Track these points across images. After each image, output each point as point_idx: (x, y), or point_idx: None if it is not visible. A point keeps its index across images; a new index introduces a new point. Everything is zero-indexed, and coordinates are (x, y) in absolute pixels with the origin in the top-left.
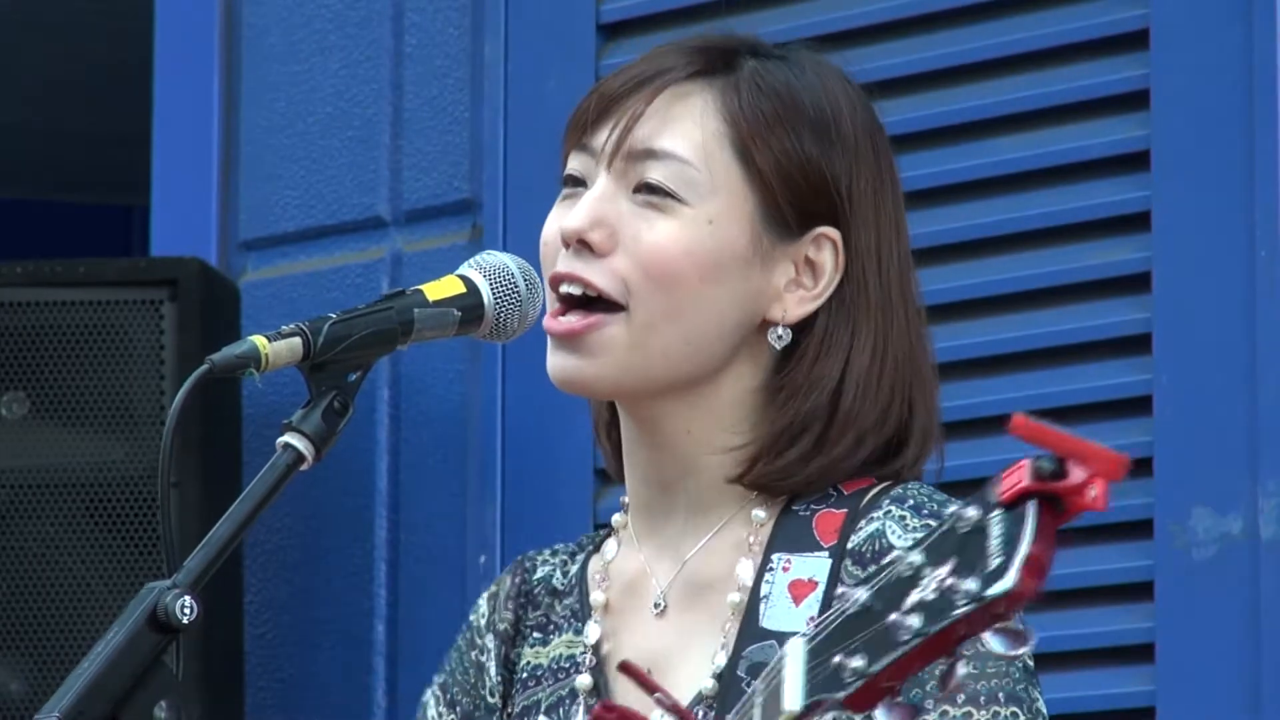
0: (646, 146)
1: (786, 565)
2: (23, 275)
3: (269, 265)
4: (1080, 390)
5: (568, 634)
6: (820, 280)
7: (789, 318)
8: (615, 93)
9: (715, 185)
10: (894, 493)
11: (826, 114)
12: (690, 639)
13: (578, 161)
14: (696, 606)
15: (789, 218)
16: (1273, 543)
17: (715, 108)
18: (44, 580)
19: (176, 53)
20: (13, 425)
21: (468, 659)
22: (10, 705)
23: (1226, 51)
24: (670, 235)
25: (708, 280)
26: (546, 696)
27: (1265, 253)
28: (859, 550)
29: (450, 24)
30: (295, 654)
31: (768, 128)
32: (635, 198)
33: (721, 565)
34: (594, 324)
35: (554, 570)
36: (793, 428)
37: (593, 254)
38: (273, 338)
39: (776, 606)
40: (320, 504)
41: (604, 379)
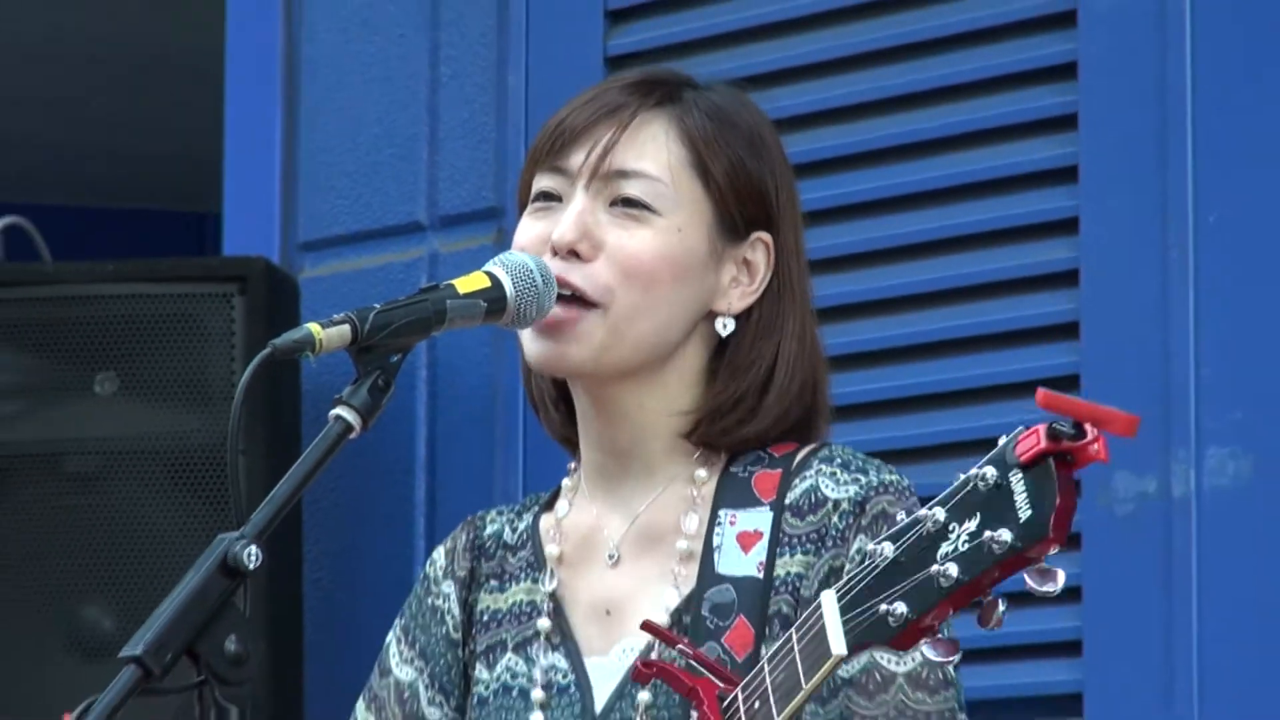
0: (621, 168)
1: (733, 519)
2: (114, 272)
3: (324, 264)
4: (1018, 370)
5: (525, 583)
6: (756, 277)
7: (733, 309)
8: (585, 122)
9: (680, 199)
10: (822, 454)
11: (755, 132)
12: (643, 585)
13: (549, 180)
14: (647, 556)
15: (737, 223)
16: (1182, 500)
17: (675, 133)
18: (131, 533)
19: (245, 84)
20: (105, 401)
21: (425, 604)
22: (103, 639)
23: (1145, 80)
24: (648, 242)
25: (677, 280)
26: (512, 637)
27: (1176, 253)
28: (797, 504)
29: (478, 57)
30: (347, 596)
31: (717, 144)
32: (613, 210)
33: (670, 519)
34: (575, 318)
35: (503, 527)
36: (734, 398)
37: (579, 260)
38: (326, 325)
39: (728, 555)
40: (367, 467)
41: (583, 363)
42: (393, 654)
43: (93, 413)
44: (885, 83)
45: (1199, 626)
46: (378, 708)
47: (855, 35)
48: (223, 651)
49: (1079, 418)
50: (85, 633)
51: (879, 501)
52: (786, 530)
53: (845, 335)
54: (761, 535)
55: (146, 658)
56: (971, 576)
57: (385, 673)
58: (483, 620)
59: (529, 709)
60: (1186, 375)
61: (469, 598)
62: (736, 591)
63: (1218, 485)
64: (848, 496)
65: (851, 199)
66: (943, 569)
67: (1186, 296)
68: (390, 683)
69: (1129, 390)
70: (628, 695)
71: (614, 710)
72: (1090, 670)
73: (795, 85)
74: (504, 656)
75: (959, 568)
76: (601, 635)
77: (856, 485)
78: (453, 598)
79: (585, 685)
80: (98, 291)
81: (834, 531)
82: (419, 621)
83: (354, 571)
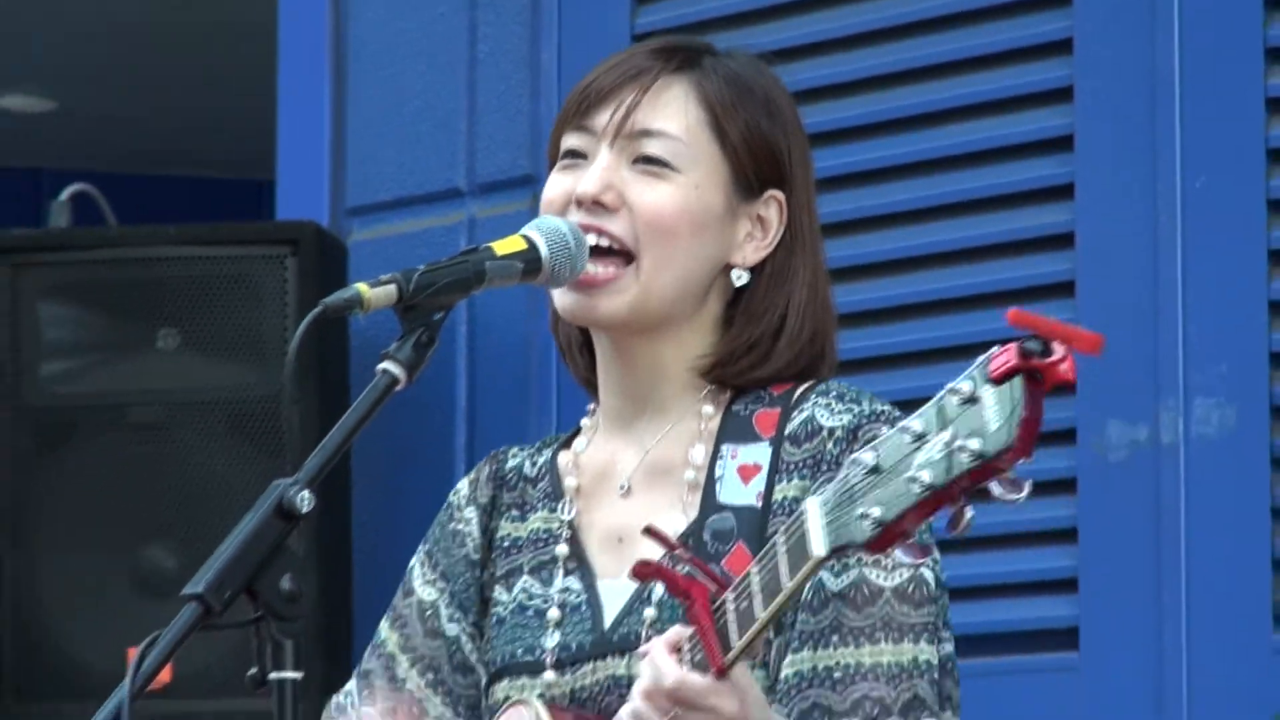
0: (644, 127)
1: (734, 454)
2: (176, 235)
3: (370, 228)
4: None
5: (543, 512)
6: (769, 232)
7: (747, 262)
8: (610, 85)
9: (698, 157)
10: (818, 388)
11: (770, 97)
12: (652, 513)
13: (577, 139)
14: (656, 487)
15: (752, 182)
16: (1171, 447)
17: (695, 96)
18: (192, 479)
19: (296, 60)
20: (168, 355)
21: (448, 530)
22: (166, 578)
23: (1136, 55)
24: (668, 195)
25: (696, 233)
26: (529, 561)
27: (1165, 216)
28: (795, 433)
29: (514, 35)
30: (392, 538)
31: (733, 108)
32: (635, 167)
33: (678, 452)
34: (611, 276)
35: (523, 461)
36: (748, 343)
37: (605, 211)
38: (373, 285)
39: (729, 486)
40: (412, 417)
41: (614, 315)
42: (416, 576)
43: (155, 367)
44: (894, 58)
45: (1187, 563)
46: (400, 625)
47: (865, 14)
48: (278, 589)
49: (1046, 335)
50: (149, 573)
51: (871, 429)
52: (785, 459)
53: (855, 294)
54: (760, 468)
55: (207, 595)
56: (943, 483)
57: (409, 593)
58: (503, 546)
59: (544, 627)
60: (1175, 331)
61: (490, 524)
62: (736, 520)
63: (1204, 433)
64: (842, 424)
65: (863, 166)
66: (916, 475)
67: (1175, 257)
68: (414, 602)
69: (1122, 345)
70: (635, 611)
71: (622, 624)
72: (1085, 606)
73: (808, 60)
74: (521, 579)
75: (932, 474)
76: (613, 561)
77: (850, 414)
78: (474, 523)
79: (596, 604)
80: (160, 254)
81: (829, 457)
82: (440, 545)
83: (399, 514)
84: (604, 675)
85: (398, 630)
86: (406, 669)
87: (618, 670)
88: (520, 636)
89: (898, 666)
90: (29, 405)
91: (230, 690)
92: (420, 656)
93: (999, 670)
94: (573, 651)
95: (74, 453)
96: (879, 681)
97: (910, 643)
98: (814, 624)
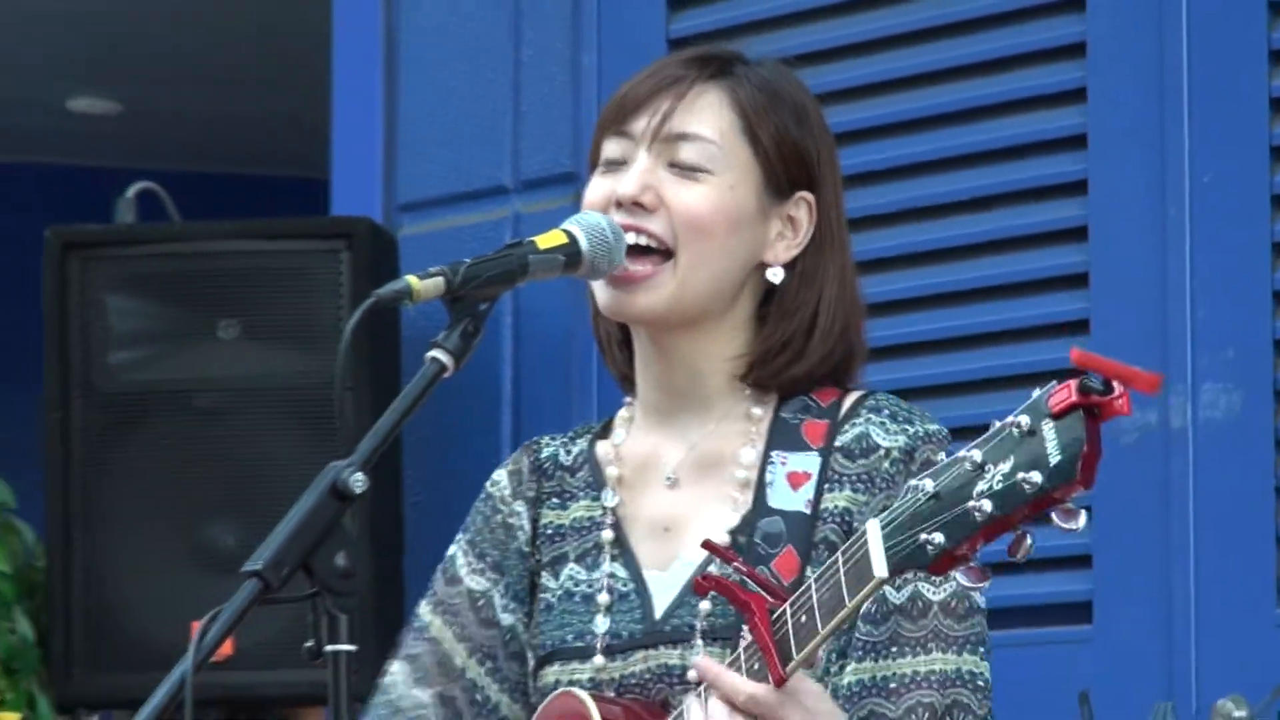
0: (680, 131)
1: (784, 460)
2: (236, 230)
3: (420, 223)
4: (1035, 315)
5: (585, 500)
6: (800, 231)
7: (779, 260)
8: (647, 92)
9: (731, 160)
10: (868, 403)
11: (799, 103)
12: (700, 505)
13: (615, 145)
14: (704, 481)
15: (781, 184)
16: (1180, 431)
17: (728, 102)
18: (251, 461)
19: (350, 64)
20: (228, 344)
21: (494, 521)
22: (226, 555)
23: (1146, 59)
24: (704, 196)
25: (730, 232)
26: (574, 549)
27: (1174, 210)
28: (848, 448)
29: (557, 39)
30: (441, 517)
31: (765, 113)
32: (671, 169)
33: (726, 448)
34: (649, 272)
35: (557, 450)
36: (782, 340)
37: (644, 211)
38: (422, 277)
39: (779, 491)
40: (459, 403)
41: (652, 311)
42: (460, 565)
43: (217, 355)
44: (917, 60)
45: (1195, 540)
46: (451, 614)
47: (888, 19)
48: (333, 566)
49: (1108, 375)
50: (211, 550)
51: (924, 450)
52: (836, 469)
53: (881, 285)
54: (810, 476)
55: (266, 572)
56: (1004, 512)
57: (455, 582)
58: (546, 534)
59: (593, 612)
60: (1184, 319)
61: (535, 514)
62: (785, 523)
63: (1211, 417)
64: (898, 445)
65: (887, 164)
66: (978, 505)
67: (1183, 248)
68: (463, 591)
69: (1132, 333)
70: (687, 603)
71: (674, 615)
72: (1099, 581)
73: (834, 64)
74: (567, 566)
75: (993, 504)
76: (659, 551)
77: (905, 435)
78: (524, 515)
79: (645, 593)
80: (221, 248)
81: (884, 475)
82: (487, 537)
83: (447, 495)
84: (655, 664)
85: (449, 621)
86: (465, 658)
87: (670, 660)
88: (569, 622)
89: (945, 675)
90: (98, 392)
91: (288, 662)
92: (478, 646)
93: (1018, 642)
94: (623, 639)
95: (140, 437)
96: (930, 689)
97: (955, 654)
98: (876, 635)
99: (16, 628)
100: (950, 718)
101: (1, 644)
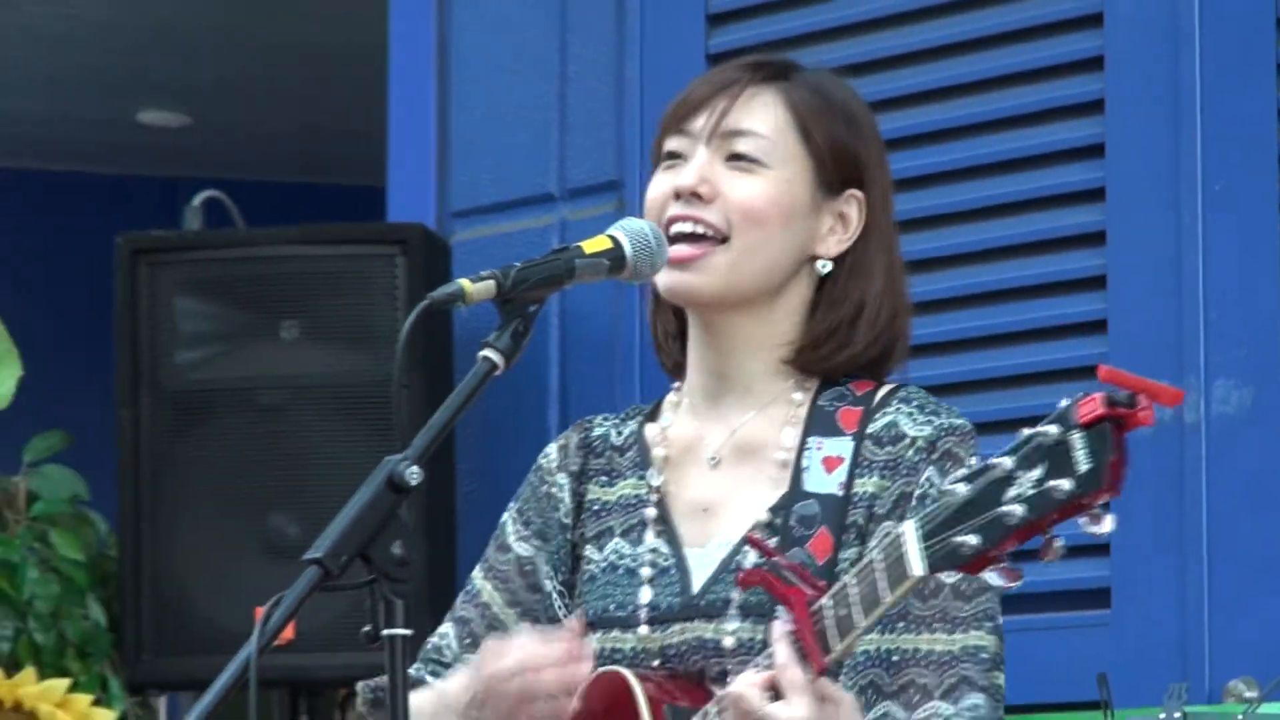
0: (736, 127)
1: (819, 446)
2: (297, 235)
3: (471, 229)
4: (1057, 315)
5: (631, 479)
6: (850, 227)
7: (830, 253)
8: (706, 94)
9: (785, 156)
10: (900, 394)
11: (850, 109)
12: (740, 486)
13: (677, 142)
14: (745, 463)
15: (833, 182)
16: (1193, 425)
17: (783, 102)
18: (312, 455)
19: (405, 78)
20: (289, 344)
21: (540, 492)
22: (288, 544)
23: (1161, 72)
24: (759, 188)
25: (784, 223)
26: (619, 524)
27: (1187, 216)
28: (878, 435)
29: (600, 55)
30: (492, 507)
31: (817, 116)
32: (728, 164)
33: (767, 432)
34: (704, 253)
35: (609, 431)
36: (830, 328)
37: (701, 202)
38: (474, 280)
39: (814, 474)
40: (510, 398)
41: (708, 291)
42: (509, 532)
43: (279, 355)
44: (945, 74)
45: (1208, 529)
46: (500, 580)
47: (917, 35)
48: (390, 554)
49: (1134, 390)
50: (274, 539)
51: (947, 441)
52: (866, 455)
53: (913, 286)
54: (843, 460)
55: (326, 560)
56: (1036, 517)
57: (505, 549)
58: (592, 509)
59: (636, 584)
60: (1197, 318)
61: (579, 489)
62: (820, 506)
63: (1223, 412)
64: (923, 435)
65: (919, 171)
66: (1010, 509)
67: (1196, 252)
68: (512, 558)
69: (1148, 331)
70: (721, 580)
71: (709, 591)
72: (1116, 568)
73: (866, 77)
74: (612, 540)
75: (1025, 509)
76: (698, 530)
77: (930, 426)
78: (566, 488)
79: (685, 569)
80: (283, 253)
81: (907, 463)
82: (533, 506)
83: (498, 485)
84: (691, 636)
85: (499, 586)
86: (514, 621)
87: (705, 633)
88: (612, 593)
89: (948, 655)
90: (167, 390)
91: (347, 645)
92: (526, 609)
93: (1038, 626)
94: (662, 611)
95: (206, 432)
96: (926, 669)
97: (961, 633)
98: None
99: (89, 614)
100: (951, 696)
101: (75, 629)
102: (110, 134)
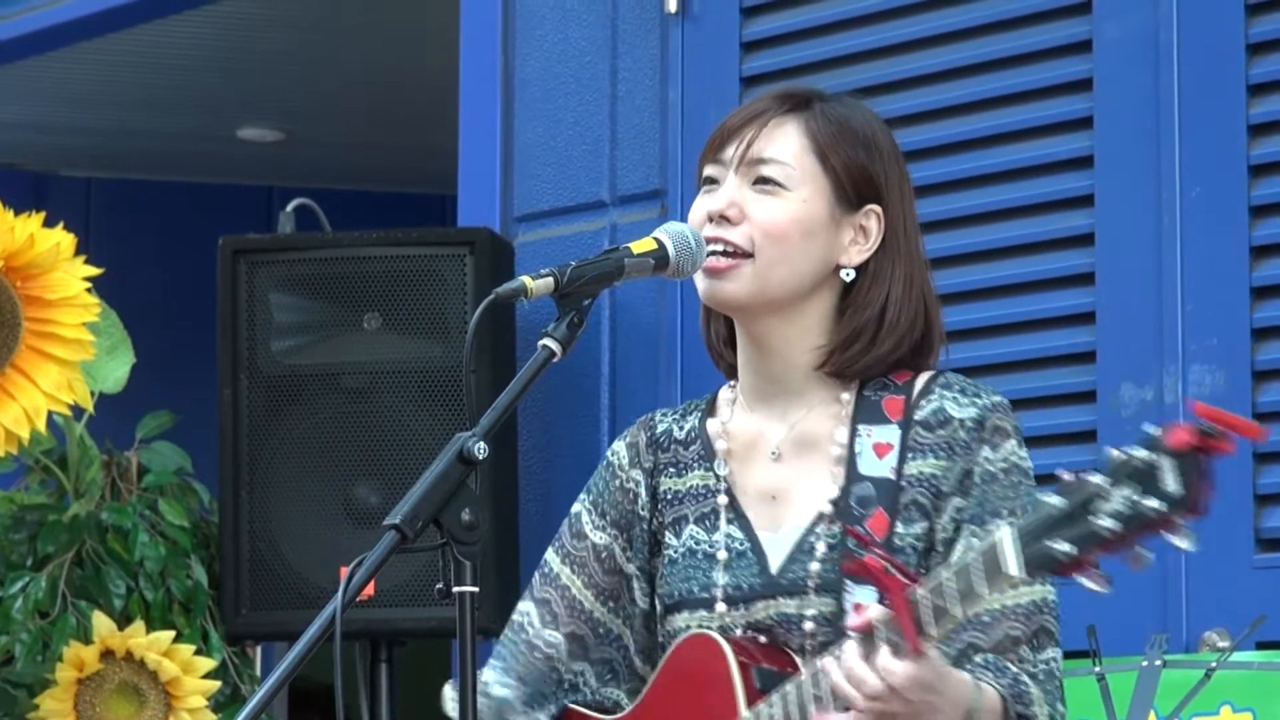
0: (760, 155)
1: (869, 433)
2: (378, 238)
3: (533, 232)
4: (1050, 309)
5: (699, 470)
6: (870, 238)
7: (852, 262)
8: (737, 125)
9: (805, 179)
10: (940, 381)
11: (868, 134)
12: (801, 477)
13: (712, 169)
14: (804, 456)
15: (851, 199)
16: (1171, 405)
17: (802, 131)
18: (390, 432)
19: (474, 97)
20: (371, 334)
21: (613, 485)
22: (370, 512)
23: (1144, 91)
24: (781, 208)
25: (805, 238)
26: (693, 512)
27: (1167, 219)
28: (926, 420)
29: (646, 76)
30: (549, 480)
31: (835, 142)
32: (755, 188)
33: (822, 428)
34: (733, 265)
35: (670, 425)
36: (855, 332)
37: (730, 224)
38: (535, 277)
39: (866, 459)
40: (566, 382)
41: (739, 297)
42: (585, 523)
43: (362, 344)
44: (953, 94)
45: None
46: (578, 564)
47: (928, 59)
48: (460, 521)
49: (1224, 425)
50: (357, 507)
51: (993, 418)
52: (917, 440)
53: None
54: (892, 446)
55: (403, 525)
56: (1126, 530)
57: (581, 537)
58: (667, 499)
59: (714, 567)
60: (1175, 311)
61: (653, 482)
62: (875, 488)
63: (1198, 394)
64: (970, 416)
65: (929, 180)
66: (1103, 523)
67: (1175, 251)
68: (589, 546)
69: (1131, 323)
70: (798, 560)
71: (788, 570)
72: None
73: (883, 97)
74: (687, 527)
75: (1117, 523)
76: (768, 515)
77: (975, 407)
78: (642, 484)
79: (760, 552)
80: (365, 253)
81: (961, 443)
82: (608, 499)
83: (555, 460)
84: (775, 612)
85: (576, 570)
86: (591, 601)
87: (788, 609)
88: (693, 576)
89: (1032, 604)
90: (263, 375)
91: (421, 601)
92: (603, 591)
93: None
94: (744, 591)
95: (297, 412)
96: (1016, 620)
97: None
98: None
99: (193, 574)
100: (1036, 642)
101: (180, 587)
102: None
